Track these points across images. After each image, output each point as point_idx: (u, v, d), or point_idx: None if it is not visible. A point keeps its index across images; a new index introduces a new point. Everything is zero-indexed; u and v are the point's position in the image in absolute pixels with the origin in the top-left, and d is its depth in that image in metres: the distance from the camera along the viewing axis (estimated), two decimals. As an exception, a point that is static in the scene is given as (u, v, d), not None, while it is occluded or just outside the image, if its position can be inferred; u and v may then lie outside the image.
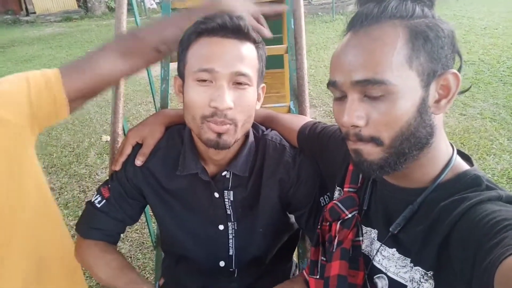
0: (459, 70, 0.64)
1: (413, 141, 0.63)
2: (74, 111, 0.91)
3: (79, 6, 14.42)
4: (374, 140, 0.63)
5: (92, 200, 1.03)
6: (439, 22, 0.63)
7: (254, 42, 0.88)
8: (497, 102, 4.24)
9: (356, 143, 0.66)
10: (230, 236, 1.02)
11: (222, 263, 1.04)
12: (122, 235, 1.10)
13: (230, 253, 1.03)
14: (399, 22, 0.62)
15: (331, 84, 0.68)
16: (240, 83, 0.84)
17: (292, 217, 1.09)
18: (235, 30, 0.84)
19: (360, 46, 0.63)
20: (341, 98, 0.68)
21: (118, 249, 1.10)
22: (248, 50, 0.86)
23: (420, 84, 0.61)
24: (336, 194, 0.89)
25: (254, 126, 1.03)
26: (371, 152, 0.65)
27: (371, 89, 0.61)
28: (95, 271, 1.00)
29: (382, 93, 0.61)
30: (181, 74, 0.90)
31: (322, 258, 0.83)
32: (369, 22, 0.63)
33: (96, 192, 1.04)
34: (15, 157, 0.79)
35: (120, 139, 1.12)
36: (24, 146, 0.82)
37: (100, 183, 1.07)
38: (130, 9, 1.35)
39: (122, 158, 1.01)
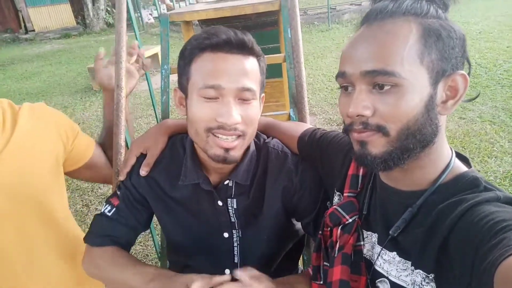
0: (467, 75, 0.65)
1: (419, 137, 0.63)
2: (75, 175, 1.21)
3: (77, 22, 14.60)
4: (381, 130, 0.63)
5: (102, 211, 1.03)
6: (451, 24, 0.64)
7: (257, 55, 0.89)
8: (496, 105, 4.25)
9: (361, 134, 0.66)
10: (235, 244, 1.02)
11: (227, 271, 1.04)
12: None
13: (235, 260, 1.03)
14: (413, 19, 0.63)
15: (340, 75, 0.68)
16: (245, 98, 0.85)
17: (297, 224, 1.09)
18: (240, 46, 0.84)
19: (372, 38, 0.63)
20: (348, 91, 0.68)
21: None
22: (251, 64, 0.86)
23: (429, 81, 0.62)
24: (336, 199, 0.89)
25: (255, 134, 1.04)
26: (377, 144, 0.65)
27: (380, 80, 0.61)
28: (110, 274, 0.97)
29: (391, 85, 0.61)
30: (183, 88, 0.90)
31: (325, 263, 0.83)
32: (384, 16, 0.64)
33: (105, 203, 1.04)
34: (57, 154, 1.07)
35: (122, 151, 1.13)
36: (61, 150, 1.08)
37: (103, 197, 1.08)
38: (129, 24, 1.37)
39: (127, 169, 1.02)
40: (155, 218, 1.09)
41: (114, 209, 1.01)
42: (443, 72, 0.62)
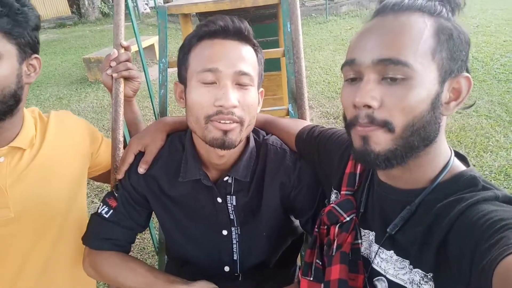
0: None
1: (423, 135, 0.63)
2: (97, 179, 1.26)
3: (72, 12, 14.41)
4: (387, 125, 0.62)
5: (99, 211, 1.02)
6: (461, 27, 0.65)
7: (253, 45, 0.90)
8: (492, 99, 4.26)
9: (365, 129, 0.64)
10: (234, 241, 1.02)
11: (227, 268, 1.04)
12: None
13: (235, 258, 1.03)
14: (428, 16, 0.63)
15: (348, 63, 0.67)
16: (243, 83, 0.85)
17: (296, 221, 1.09)
18: (237, 32, 0.86)
19: (387, 27, 0.63)
20: (354, 80, 0.67)
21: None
22: (248, 51, 0.88)
23: (438, 79, 0.62)
24: (333, 197, 0.89)
25: (254, 131, 1.03)
26: (380, 141, 0.63)
27: (392, 70, 0.61)
28: (121, 281, 0.97)
29: (402, 76, 0.60)
30: (182, 78, 0.91)
31: (317, 261, 0.83)
32: (400, 8, 0.64)
33: (101, 203, 1.03)
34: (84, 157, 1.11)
35: (121, 146, 1.12)
36: (86, 163, 1.12)
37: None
38: (126, 14, 1.35)
39: (125, 167, 1.01)
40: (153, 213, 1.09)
41: (111, 211, 1.00)
42: (450, 72, 0.63)
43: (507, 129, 3.62)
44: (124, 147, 1.11)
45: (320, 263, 0.82)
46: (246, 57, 0.86)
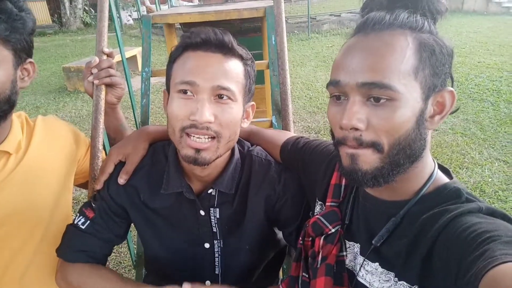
0: None
1: (409, 152, 0.63)
2: (85, 187, 1.19)
3: (53, 21, 14.23)
4: (375, 146, 0.63)
5: (75, 222, 0.98)
6: (443, 39, 0.65)
7: (241, 58, 0.87)
8: (467, 117, 4.39)
9: (355, 150, 0.64)
10: (216, 255, 0.99)
11: (208, 283, 1.01)
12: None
13: (216, 271, 1.01)
14: (410, 32, 0.63)
15: (333, 84, 0.67)
16: (221, 98, 0.83)
17: (279, 234, 1.08)
18: (219, 45, 0.84)
19: (370, 48, 0.63)
20: (340, 100, 0.67)
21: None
22: (232, 65, 0.85)
23: (421, 96, 0.62)
24: (318, 208, 0.88)
25: (239, 142, 1.02)
26: (368, 160, 0.64)
27: (376, 93, 0.61)
28: None
29: (386, 98, 0.61)
30: (167, 87, 0.90)
31: (304, 274, 0.82)
32: (381, 27, 0.63)
33: (78, 214, 0.99)
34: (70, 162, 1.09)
35: (100, 155, 1.09)
36: (72, 169, 1.10)
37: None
38: (109, 23, 1.33)
39: (104, 177, 0.97)
40: (132, 225, 1.06)
41: (88, 221, 0.97)
42: (434, 87, 0.63)
43: (481, 147, 3.72)
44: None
45: (307, 276, 0.80)
46: (228, 71, 0.84)
